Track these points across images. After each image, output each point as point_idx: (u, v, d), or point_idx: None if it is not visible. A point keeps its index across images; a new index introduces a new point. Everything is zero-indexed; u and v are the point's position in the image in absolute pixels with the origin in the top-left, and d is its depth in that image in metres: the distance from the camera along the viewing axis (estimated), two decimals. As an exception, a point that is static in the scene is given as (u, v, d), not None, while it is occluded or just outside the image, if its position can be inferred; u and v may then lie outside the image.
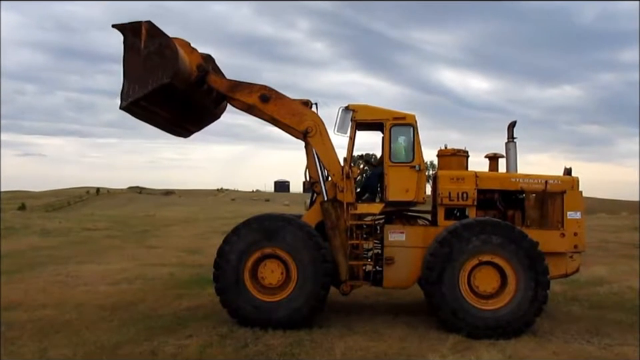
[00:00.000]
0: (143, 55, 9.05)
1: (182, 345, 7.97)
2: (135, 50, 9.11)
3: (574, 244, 9.23)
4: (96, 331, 8.62)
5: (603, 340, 8.41)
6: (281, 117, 9.67)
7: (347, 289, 9.47)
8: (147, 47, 9.02)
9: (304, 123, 9.60)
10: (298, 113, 9.68)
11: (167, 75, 8.94)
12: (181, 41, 9.60)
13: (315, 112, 9.86)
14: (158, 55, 9.01)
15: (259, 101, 9.62)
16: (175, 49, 8.96)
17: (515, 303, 8.56)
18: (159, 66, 9.00)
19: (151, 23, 8.97)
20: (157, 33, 8.98)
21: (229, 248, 9.04)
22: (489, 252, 8.60)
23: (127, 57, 9.19)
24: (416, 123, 9.51)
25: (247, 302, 8.91)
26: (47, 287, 12.39)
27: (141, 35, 9.03)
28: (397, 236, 9.34)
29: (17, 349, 7.64)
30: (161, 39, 8.99)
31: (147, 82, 9.04)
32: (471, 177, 9.41)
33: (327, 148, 9.69)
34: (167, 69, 8.96)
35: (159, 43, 8.99)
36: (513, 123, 10.06)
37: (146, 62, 9.07)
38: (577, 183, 9.47)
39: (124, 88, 9.24)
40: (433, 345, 8.08)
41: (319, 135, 9.62)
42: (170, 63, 8.95)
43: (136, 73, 9.14)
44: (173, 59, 8.95)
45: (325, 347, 7.94)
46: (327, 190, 9.62)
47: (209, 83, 9.72)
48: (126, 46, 9.12)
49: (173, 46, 8.95)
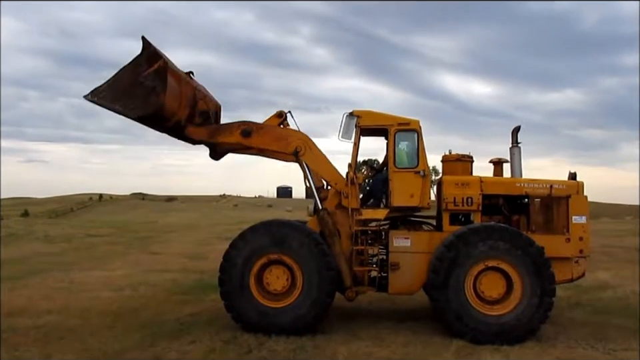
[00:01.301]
0: (137, 79, 8.93)
1: (185, 350, 7.96)
2: (135, 69, 8.99)
3: (579, 248, 9.19)
4: (100, 336, 8.61)
5: (607, 345, 8.37)
6: (268, 146, 9.70)
7: (351, 295, 9.44)
8: (145, 78, 8.89)
9: (291, 144, 9.61)
10: (283, 137, 9.71)
11: (136, 113, 8.86)
12: (187, 88, 9.42)
13: (297, 130, 9.91)
14: (145, 92, 8.88)
15: (241, 138, 9.62)
16: (160, 104, 8.76)
17: (520, 309, 8.52)
18: (137, 100, 8.88)
19: (166, 64, 8.82)
20: (162, 76, 8.79)
21: (235, 252, 9.04)
22: (496, 257, 8.58)
23: (127, 68, 9.10)
24: (420, 129, 9.51)
25: (252, 307, 8.89)
26: (51, 293, 12.39)
27: (150, 65, 8.89)
28: (401, 241, 9.32)
29: (21, 354, 7.64)
30: (159, 83, 8.80)
31: (119, 100, 8.95)
32: (476, 182, 9.40)
33: (320, 160, 9.72)
34: (140, 108, 8.85)
35: (155, 85, 8.83)
36: (517, 128, 10.05)
37: (133, 86, 8.96)
38: (581, 187, 9.46)
39: (102, 85, 9.13)
40: (436, 350, 8.06)
41: (309, 150, 9.64)
42: (147, 107, 8.81)
43: (119, 85, 9.03)
44: (152, 106, 8.80)
45: (328, 353, 7.92)
46: (321, 199, 9.71)
47: (188, 135, 9.70)
48: (134, 59, 9.01)
49: (161, 98, 8.73)
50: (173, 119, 9.23)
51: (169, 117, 9.13)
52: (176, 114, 9.21)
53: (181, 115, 9.33)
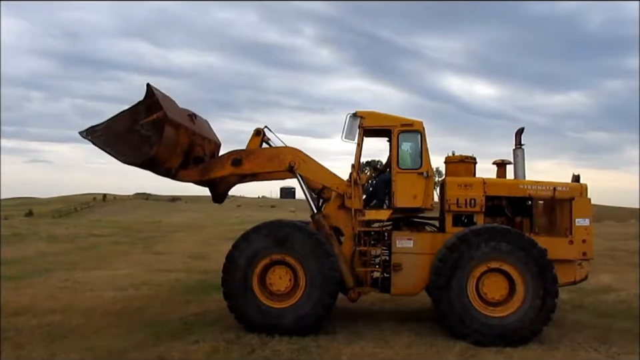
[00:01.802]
0: (134, 126, 8.96)
1: (189, 350, 7.98)
2: (134, 115, 9.03)
3: (582, 251, 9.18)
4: (103, 336, 8.65)
5: (610, 348, 8.37)
6: (262, 168, 9.75)
7: (354, 295, 9.46)
8: (142, 126, 8.91)
9: (285, 161, 9.63)
10: (274, 156, 9.74)
11: (126, 160, 8.96)
12: (184, 137, 9.42)
13: (285, 145, 9.96)
14: (139, 140, 8.91)
15: (233, 168, 9.66)
16: (152, 155, 8.80)
17: (522, 310, 8.53)
18: (130, 147, 8.95)
19: (165, 116, 8.80)
20: (159, 127, 8.78)
21: (238, 253, 9.07)
22: (498, 259, 8.59)
23: (126, 112, 9.14)
24: (423, 130, 9.52)
25: (255, 307, 8.92)
26: (55, 293, 12.44)
27: (149, 113, 8.90)
28: (404, 242, 9.32)
29: (26, 353, 7.67)
30: (155, 133, 8.81)
31: (112, 144, 9.04)
32: (479, 184, 9.40)
33: (316, 169, 9.77)
34: (131, 156, 8.93)
35: (150, 135, 8.84)
36: (521, 130, 10.05)
37: (128, 132, 9.01)
38: (585, 189, 9.44)
39: (100, 125, 9.25)
40: (439, 351, 8.06)
41: (303, 162, 9.67)
42: (138, 156, 8.89)
43: (115, 128, 9.11)
44: (143, 156, 8.86)
45: (331, 353, 7.94)
46: (325, 199, 9.87)
47: (179, 179, 9.76)
48: (135, 105, 9.05)
49: (153, 150, 8.78)
50: (164, 166, 9.31)
51: (161, 164, 9.20)
52: (168, 163, 9.28)
53: (173, 164, 9.40)
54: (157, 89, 9.06)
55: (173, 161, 9.34)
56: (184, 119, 9.61)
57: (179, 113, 9.60)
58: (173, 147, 9.16)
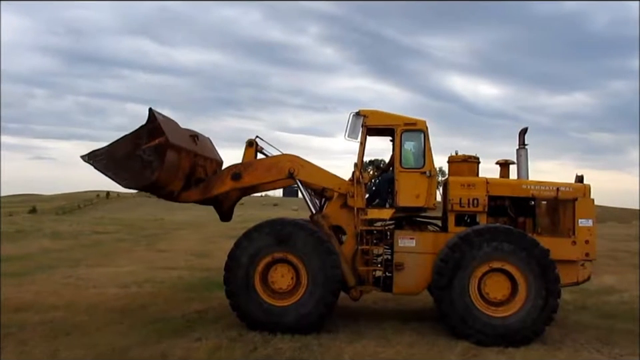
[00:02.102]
0: (135, 151, 8.96)
1: (191, 347, 8.00)
2: (136, 140, 9.03)
3: (585, 252, 9.16)
4: (106, 333, 8.68)
5: (612, 349, 8.35)
6: (262, 179, 9.76)
7: (356, 294, 9.47)
8: (143, 151, 8.90)
9: (284, 169, 9.65)
10: (273, 165, 9.75)
11: (127, 185, 9.00)
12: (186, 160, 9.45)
13: (281, 152, 9.95)
14: (140, 165, 8.91)
15: (234, 182, 9.67)
16: (153, 180, 8.81)
17: (525, 310, 8.52)
18: (131, 172, 8.95)
19: (167, 141, 8.79)
20: (161, 152, 8.77)
21: (240, 251, 9.08)
22: (500, 259, 8.58)
23: (127, 137, 9.14)
24: (427, 129, 9.51)
25: (257, 306, 8.93)
26: (58, 289, 12.48)
27: (151, 139, 8.89)
28: (407, 242, 9.32)
29: (29, 349, 7.70)
30: (157, 158, 8.79)
31: (113, 169, 9.06)
32: (482, 184, 9.39)
33: (315, 172, 9.80)
34: (133, 181, 8.95)
35: (152, 160, 8.83)
36: (524, 130, 10.03)
37: (129, 157, 9.00)
38: (588, 190, 9.42)
39: (101, 150, 9.28)
40: (441, 351, 8.06)
41: (301, 167, 9.69)
42: (139, 181, 8.91)
43: (116, 153, 9.12)
44: (144, 181, 8.89)
45: (333, 352, 7.94)
46: (327, 198, 9.90)
47: (181, 201, 9.81)
48: (137, 130, 9.06)
49: (155, 175, 8.79)
50: (166, 190, 9.33)
51: (163, 188, 9.23)
52: (170, 187, 9.30)
53: (174, 188, 9.42)
54: (158, 113, 9.09)
55: (174, 185, 9.37)
56: (186, 142, 9.65)
57: (181, 135, 9.63)
58: (175, 171, 9.18)
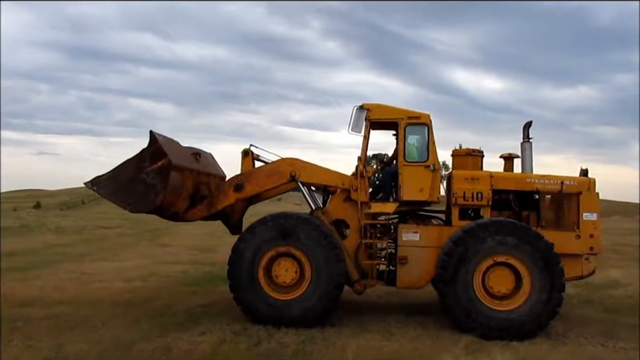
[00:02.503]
0: (139, 174, 8.96)
1: (195, 341, 8.02)
2: (139, 163, 9.02)
3: (590, 246, 9.13)
4: (111, 327, 8.70)
5: (617, 343, 8.34)
6: (264, 186, 9.71)
7: (360, 288, 9.48)
8: (147, 174, 8.89)
9: (285, 173, 9.62)
10: (274, 170, 9.72)
11: (133, 209, 8.95)
12: (189, 180, 9.44)
13: (279, 157, 9.89)
14: (144, 189, 8.88)
15: (237, 193, 9.63)
16: (158, 203, 8.78)
17: (529, 304, 8.51)
18: (136, 196, 8.92)
19: (171, 163, 8.76)
20: (164, 174, 8.75)
21: (244, 245, 9.09)
22: (504, 253, 8.56)
23: (130, 160, 9.14)
24: (431, 122, 9.48)
25: (261, 300, 8.95)
26: (63, 284, 12.52)
27: (154, 161, 8.87)
28: (410, 236, 9.31)
29: (34, 344, 7.72)
30: (160, 181, 8.78)
31: (118, 194, 9.05)
32: (486, 177, 9.36)
33: (316, 173, 9.78)
34: (138, 205, 8.92)
35: (156, 183, 8.81)
36: (529, 123, 9.99)
37: (133, 181, 8.99)
38: (593, 184, 9.37)
39: (104, 175, 9.31)
40: (445, 345, 8.05)
41: (302, 169, 9.67)
42: (144, 204, 8.88)
43: (120, 178, 9.13)
44: (149, 205, 8.85)
45: (337, 346, 7.95)
46: (331, 192, 9.90)
47: (187, 220, 9.83)
48: (139, 153, 9.05)
49: (159, 198, 8.77)
50: (171, 211, 9.32)
51: (168, 209, 9.22)
52: (174, 207, 9.29)
53: (179, 208, 9.41)
54: (159, 135, 9.09)
55: (179, 205, 9.37)
56: (188, 161, 9.67)
57: (183, 154, 9.64)
58: (179, 192, 9.18)
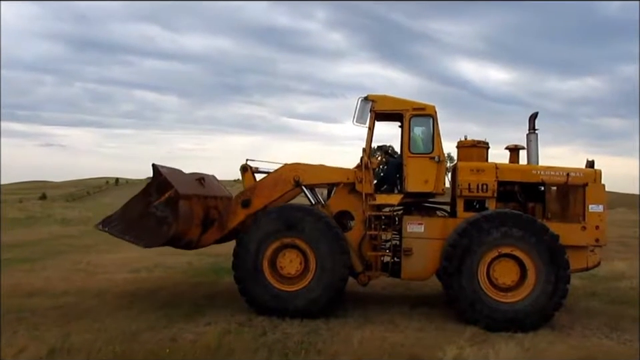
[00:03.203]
0: (148, 210, 8.97)
1: (201, 332, 8.05)
2: (146, 198, 9.04)
3: (595, 237, 9.09)
4: (117, 317, 8.74)
5: (622, 335, 8.32)
6: (271, 197, 9.66)
7: (364, 279, 9.49)
8: (156, 208, 8.90)
9: (289, 179, 9.61)
10: (277, 179, 9.71)
11: (147, 244, 8.98)
12: (198, 206, 9.45)
13: (282, 164, 9.83)
14: (156, 223, 8.87)
15: (246, 210, 9.59)
16: (171, 234, 8.78)
17: (534, 296, 8.50)
18: (148, 231, 8.93)
19: (178, 193, 8.74)
20: (173, 205, 8.74)
21: (248, 237, 9.10)
22: (509, 244, 8.54)
23: (137, 197, 9.16)
24: (436, 114, 9.44)
25: (265, 291, 8.97)
26: (69, 275, 12.60)
27: (161, 194, 8.88)
28: (415, 227, 9.30)
29: (41, 334, 7.77)
30: (170, 212, 8.77)
31: (130, 232, 9.07)
32: (491, 169, 9.32)
33: (319, 173, 9.79)
34: (151, 239, 8.93)
35: (166, 215, 8.81)
36: (535, 115, 9.93)
37: (143, 217, 9.00)
38: (599, 175, 9.31)
39: (114, 215, 9.37)
40: (450, 336, 8.04)
41: (304, 172, 9.65)
42: (158, 238, 8.89)
43: (130, 215, 9.16)
44: (163, 237, 8.86)
45: (341, 337, 7.96)
46: (335, 184, 9.85)
47: (202, 246, 9.87)
48: (145, 188, 9.09)
49: (172, 229, 8.77)
50: (185, 240, 9.36)
51: (182, 238, 9.26)
52: (188, 236, 9.32)
53: (192, 235, 9.44)
54: (162, 167, 9.14)
55: (192, 233, 9.40)
56: (194, 187, 9.71)
57: (188, 182, 9.69)
58: (190, 220, 9.20)
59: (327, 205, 9.68)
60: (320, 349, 7.35)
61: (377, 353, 7.23)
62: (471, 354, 7.21)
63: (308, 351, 7.24)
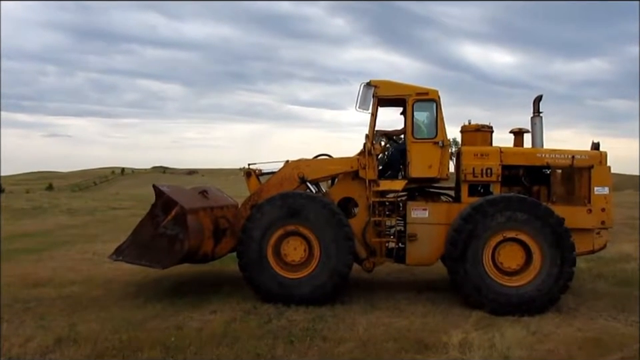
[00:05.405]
0: (157, 229, 8.93)
1: (206, 320, 8.08)
2: (154, 220, 9.00)
3: (601, 220, 9.04)
4: (123, 306, 8.78)
5: (629, 317, 8.28)
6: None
7: (369, 265, 9.49)
8: (165, 227, 8.88)
9: (293, 178, 9.63)
10: (282, 179, 9.72)
11: (164, 265, 8.90)
12: (207, 218, 9.40)
13: (282, 164, 9.82)
14: (168, 242, 8.82)
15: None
16: (185, 251, 8.72)
17: (539, 279, 8.46)
18: (162, 252, 8.87)
19: (184, 209, 8.67)
20: (182, 221, 8.68)
21: (252, 225, 9.08)
22: (514, 228, 8.50)
23: (145, 220, 9.12)
24: (439, 99, 9.36)
25: (270, 278, 8.97)
26: (75, 265, 12.65)
27: (167, 213, 8.84)
28: (419, 213, 9.27)
29: (47, 323, 7.82)
30: (180, 229, 8.72)
31: (144, 256, 9.02)
32: (496, 153, 9.25)
33: (321, 166, 9.77)
34: (167, 260, 8.86)
35: (177, 232, 8.77)
36: (539, 97, 9.82)
37: (155, 238, 8.97)
38: (604, 157, 9.24)
39: (125, 243, 9.34)
40: (455, 321, 8.05)
41: (307, 167, 9.66)
42: (173, 257, 8.84)
43: (141, 239, 9.13)
44: (178, 255, 8.79)
45: (347, 323, 7.97)
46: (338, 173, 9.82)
47: (218, 256, 9.90)
48: (150, 210, 9.03)
49: (185, 245, 8.72)
50: (200, 253, 9.34)
51: (197, 253, 9.24)
52: (202, 249, 9.30)
53: (207, 248, 9.42)
54: (162, 185, 9.17)
55: (206, 245, 9.39)
56: (199, 201, 9.71)
57: (192, 196, 9.70)
58: (202, 233, 9.19)
59: (327, 194, 9.66)
60: (325, 336, 7.36)
61: (383, 338, 7.24)
62: (477, 338, 7.20)
63: (313, 338, 7.25)
